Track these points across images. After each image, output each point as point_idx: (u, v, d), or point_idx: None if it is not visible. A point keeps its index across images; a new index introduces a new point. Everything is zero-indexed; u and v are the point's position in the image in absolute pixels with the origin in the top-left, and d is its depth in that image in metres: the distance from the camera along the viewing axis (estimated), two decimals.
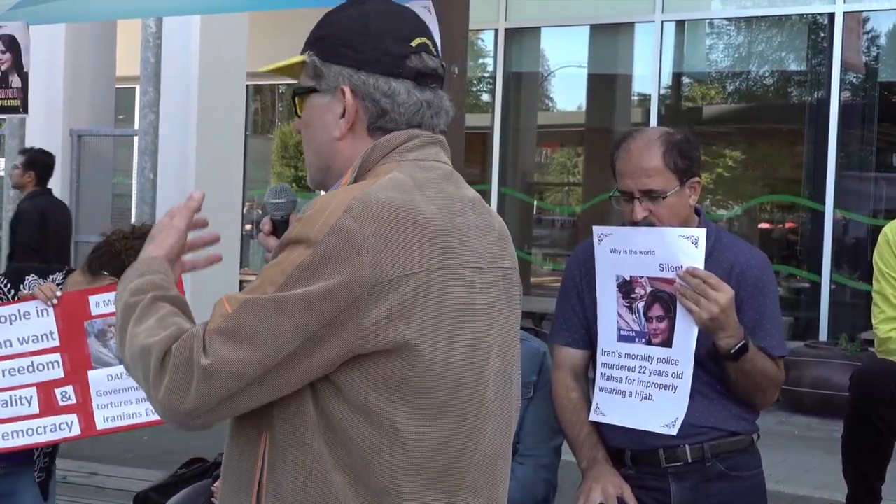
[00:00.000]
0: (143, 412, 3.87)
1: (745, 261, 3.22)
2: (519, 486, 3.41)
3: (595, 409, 3.24)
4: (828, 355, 9.33)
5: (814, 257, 10.86)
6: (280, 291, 1.80)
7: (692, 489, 3.20)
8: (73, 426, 3.91)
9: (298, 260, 1.81)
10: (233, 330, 1.79)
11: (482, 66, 13.17)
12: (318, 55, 1.99)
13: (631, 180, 3.15)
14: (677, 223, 3.15)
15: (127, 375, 3.81)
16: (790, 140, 12.48)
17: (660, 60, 11.70)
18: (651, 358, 3.12)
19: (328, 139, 2.00)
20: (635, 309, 3.15)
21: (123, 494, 4.76)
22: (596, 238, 3.24)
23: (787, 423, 9.00)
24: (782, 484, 6.95)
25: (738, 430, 3.22)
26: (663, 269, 3.08)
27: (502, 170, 12.55)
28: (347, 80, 1.96)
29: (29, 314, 3.90)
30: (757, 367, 3.12)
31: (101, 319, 3.91)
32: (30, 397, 3.89)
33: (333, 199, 1.86)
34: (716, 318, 2.98)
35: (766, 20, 12.02)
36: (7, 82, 4.91)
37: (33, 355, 3.89)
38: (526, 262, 13.21)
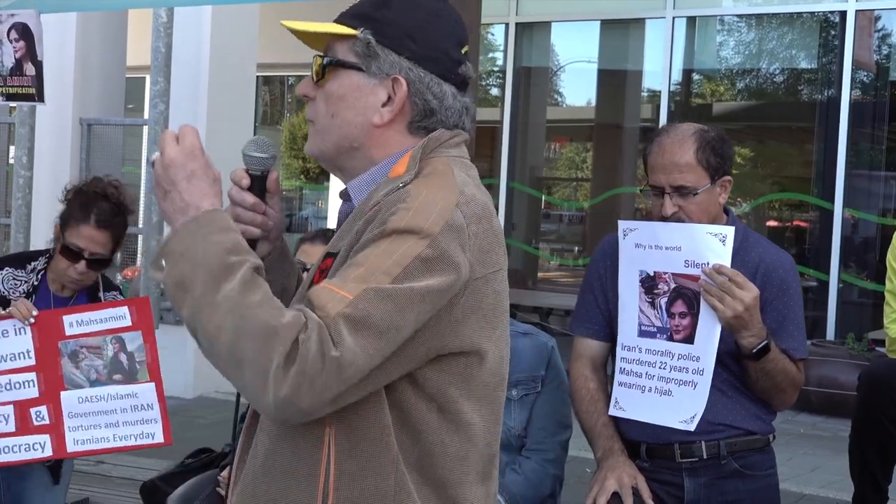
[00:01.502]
0: (111, 437, 3.91)
1: (771, 261, 3.23)
2: (526, 480, 3.42)
3: (614, 404, 3.25)
4: (835, 354, 9.30)
5: (822, 256, 10.84)
6: (399, 283, 1.76)
7: (706, 486, 3.21)
8: (46, 447, 3.91)
9: (415, 251, 1.79)
10: (360, 320, 1.73)
11: (492, 61, 13.16)
12: (374, 36, 1.97)
13: (663, 175, 3.16)
14: (706, 221, 3.16)
15: (97, 398, 3.90)
16: (800, 138, 12.45)
17: (670, 57, 11.67)
18: (672, 354, 3.13)
19: (363, 121, 1.99)
20: (657, 305, 3.16)
21: (130, 483, 4.77)
22: (621, 232, 3.24)
23: (793, 422, 8.98)
24: (788, 482, 6.94)
25: (755, 430, 3.23)
26: (689, 265, 3.08)
27: (511, 164, 12.53)
28: (405, 72, 1.96)
29: (7, 332, 3.89)
30: (778, 367, 3.12)
31: (73, 340, 3.91)
32: (7, 415, 3.89)
33: (438, 190, 1.88)
34: (740, 317, 2.99)
35: (777, 17, 11.99)
36: (21, 70, 4.90)
37: (10, 373, 3.89)
38: (533, 257, 13.20)
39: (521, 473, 3.43)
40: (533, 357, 3.52)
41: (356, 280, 1.76)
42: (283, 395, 1.70)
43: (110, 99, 9.23)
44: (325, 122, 2.01)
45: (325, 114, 2.01)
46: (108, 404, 3.93)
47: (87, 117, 8.49)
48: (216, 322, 1.74)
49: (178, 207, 1.86)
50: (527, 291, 12.00)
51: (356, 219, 1.95)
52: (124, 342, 3.95)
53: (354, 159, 2.02)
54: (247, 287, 1.75)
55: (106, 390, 3.94)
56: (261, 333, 1.70)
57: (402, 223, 1.81)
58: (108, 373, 3.94)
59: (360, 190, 2.02)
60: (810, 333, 10.50)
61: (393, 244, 1.80)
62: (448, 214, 1.84)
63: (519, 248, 12.88)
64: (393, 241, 1.80)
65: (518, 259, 12.84)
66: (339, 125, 2.00)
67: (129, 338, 3.95)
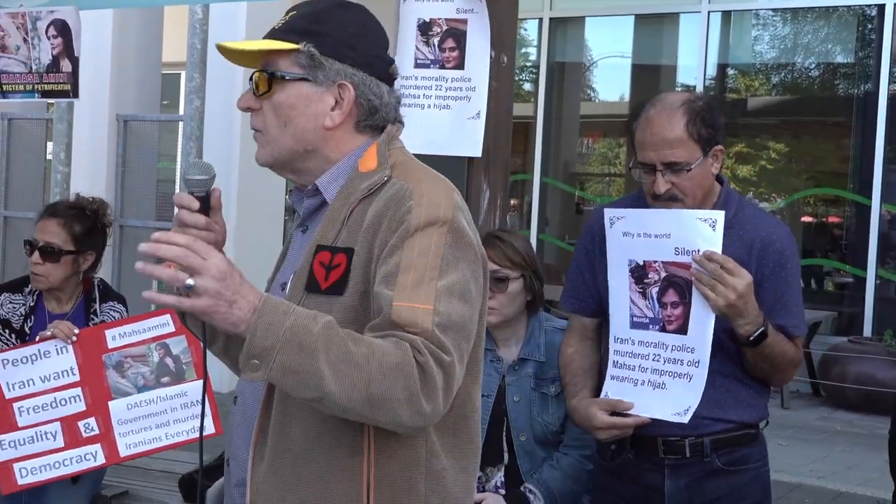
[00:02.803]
0: (163, 436, 4.10)
1: (767, 235, 3.06)
2: (563, 475, 3.41)
3: (605, 397, 3.13)
4: (872, 351, 9.25)
5: (859, 252, 10.75)
6: (446, 275, 1.99)
7: (687, 487, 3.10)
8: (98, 455, 4.08)
9: (443, 240, 2.01)
10: (447, 323, 1.95)
11: (526, 56, 13.14)
12: (317, 48, 2.14)
13: (653, 152, 2.98)
14: (701, 195, 3.02)
15: (146, 402, 4.08)
16: (836, 133, 12.35)
17: (705, 51, 11.61)
18: (666, 346, 3.00)
19: (315, 126, 2.16)
20: (648, 295, 3.03)
21: (168, 476, 4.81)
22: (607, 221, 3.11)
23: (829, 419, 8.93)
24: (824, 480, 6.91)
25: (744, 420, 3.10)
26: (679, 252, 2.95)
27: (545, 159, 12.51)
28: (350, 78, 2.15)
29: (49, 353, 4.08)
30: (776, 350, 2.99)
31: (117, 352, 4.09)
32: (54, 432, 4.06)
33: (433, 181, 2.10)
34: (733, 305, 2.86)
35: (813, 11, 11.90)
36: (58, 67, 4.94)
37: (55, 391, 4.07)
38: (566, 252, 13.16)
39: (558, 469, 3.43)
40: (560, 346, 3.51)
41: (415, 286, 1.95)
42: (429, 412, 1.92)
43: (146, 95, 9.28)
44: (275, 131, 2.16)
45: (275, 124, 2.16)
46: (158, 406, 4.11)
47: (124, 113, 8.53)
48: (341, 388, 1.87)
49: (244, 311, 1.87)
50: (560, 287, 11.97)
51: (338, 212, 2.11)
52: (169, 347, 4.17)
53: (309, 161, 2.19)
54: (346, 344, 1.89)
55: (155, 394, 4.12)
56: (387, 375, 1.87)
57: (421, 219, 2.01)
58: (155, 377, 4.12)
59: (329, 185, 2.18)
60: (847, 330, 10.46)
61: (422, 241, 2.00)
62: (452, 199, 2.08)
63: (552, 244, 12.85)
64: (420, 237, 2.00)
65: (551, 254, 12.82)
66: (291, 132, 2.16)
67: (174, 342, 4.16)
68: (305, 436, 2.05)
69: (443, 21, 4.00)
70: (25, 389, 4.07)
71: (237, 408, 2.23)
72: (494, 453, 3.47)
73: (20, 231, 8.97)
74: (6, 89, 5.06)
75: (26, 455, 4.04)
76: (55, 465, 4.05)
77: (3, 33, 4.97)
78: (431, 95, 4.00)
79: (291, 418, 2.06)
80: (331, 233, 2.10)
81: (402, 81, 4.01)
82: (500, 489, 3.46)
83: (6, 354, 4.11)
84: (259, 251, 6.29)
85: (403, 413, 1.89)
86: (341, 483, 2.03)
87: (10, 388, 4.07)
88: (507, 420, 3.47)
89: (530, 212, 12.69)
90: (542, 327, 3.55)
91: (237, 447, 2.20)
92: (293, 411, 2.05)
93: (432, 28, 4.01)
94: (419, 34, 4.03)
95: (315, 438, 2.04)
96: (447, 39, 3.99)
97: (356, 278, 2.04)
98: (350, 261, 2.05)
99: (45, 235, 4.27)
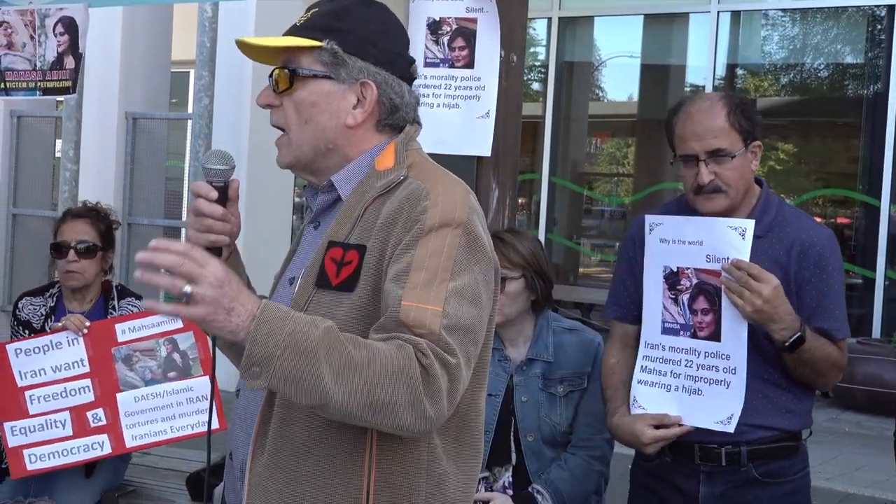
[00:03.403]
0: (169, 429, 4.21)
1: (808, 237, 3.06)
2: (571, 476, 3.41)
3: (633, 402, 3.15)
4: (881, 352, 9.22)
5: (868, 253, 10.74)
6: (458, 277, 1.98)
7: (722, 496, 3.08)
8: (105, 445, 4.20)
9: (456, 242, 2.00)
10: (456, 325, 1.95)
11: (535, 55, 13.14)
12: (339, 45, 2.13)
13: (696, 142, 3.01)
14: (743, 189, 3.04)
15: (153, 396, 4.18)
16: (845, 134, 12.33)
17: (714, 51, 11.61)
18: (698, 352, 3.03)
19: (337, 124, 2.15)
20: (680, 301, 3.06)
21: (176, 475, 4.81)
22: (647, 227, 3.15)
23: (837, 420, 8.92)
24: (832, 481, 6.89)
25: (784, 427, 3.08)
26: (710, 260, 2.99)
27: (553, 159, 12.51)
28: (372, 76, 2.15)
29: (60, 344, 4.22)
30: (817, 355, 2.98)
31: (126, 346, 4.22)
32: (64, 420, 4.19)
33: (449, 183, 2.10)
34: (760, 311, 2.87)
35: (822, 12, 11.89)
36: (62, 64, 4.95)
37: (66, 381, 4.21)
38: (575, 252, 13.18)
39: (566, 470, 3.42)
40: (579, 353, 3.51)
41: (425, 286, 1.95)
42: (433, 415, 1.90)
43: (155, 93, 9.30)
44: (296, 129, 2.16)
45: (296, 120, 2.16)
46: (164, 400, 4.21)
47: (133, 111, 8.56)
48: (343, 393, 1.86)
49: (243, 318, 1.85)
50: (568, 287, 11.98)
51: (352, 209, 2.11)
52: (177, 343, 4.27)
53: (329, 159, 2.18)
54: (346, 349, 1.88)
55: (162, 388, 4.22)
56: (390, 379, 1.86)
57: (436, 220, 2.00)
58: (162, 371, 4.23)
59: (346, 182, 2.16)
60: (855, 331, 10.43)
61: (436, 241, 1.99)
62: (468, 201, 2.08)
63: (560, 244, 12.85)
64: (434, 238, 1.99)
65: (559, 254, 12.82)
66: (313, 129, 2.15)
67: (182, 338, 4.26)
68: (309, 431, 2.04)
69: (452, 20, 3.99)
70: (37, 379, 4.20)
71: (239, 401, 2.23)
72: (502, 453, 3.47)
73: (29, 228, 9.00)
74: (9, 86, 5.08)
75: (36, 442, 4.17)
76: (63, 453, 4.18)
77: (11, 30, 4.98)
78: (441, 94, 4.00)
79: (295, 412, 2.05)
80: (344, 229, 2.09)
81: None
82: (508, 489, 3.45)
83: (20, 344, 4.25)
84: (268, 247, 6.29)
85: (407, 417, 1.88)
86: (341, 482, 2.02)
87: (22, 377, 4.21)
88: (514, 420, 3.46)
89: (538, 211, 12.69)
90: (551, 327, 3.55)
91: (239, 440, 2.20)
92: (297, 406, 2.04)
93: (442, 27, 4.01)
94: (429, 33, 4.03)
95: (318, 434, 2.03)
96: (457, 38, 3.99)
97: (368, 276, 2.03)
98: (362, 258, 2.04)
99: (77, 234, 4.41)
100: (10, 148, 9.00)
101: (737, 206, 3.06)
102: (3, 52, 5.02)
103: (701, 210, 3.07)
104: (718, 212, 3.04)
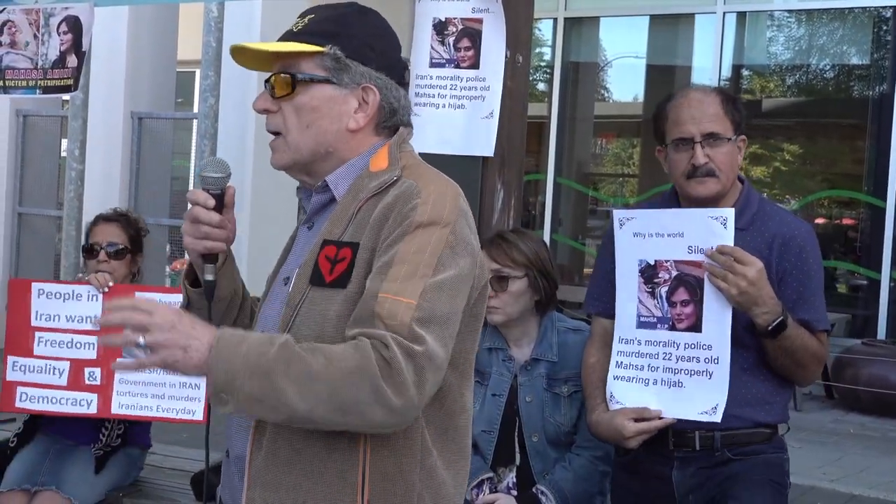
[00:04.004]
0: (155, 407, 4.29)
1: (788, 231, 3.14)
2: (575, 476, 3.41)
3: (610, 398, 3.18)
4: (885, 354, 9.20)
5: (873, 254, 10.71)
6: (439, 273, 2.00)
7: (694, 475, 3.13)
8: (92, 405, 4.30)
9: (442, 240, 2.03)
10: (428, 317, 1.96)
11: (540, 56, 13.12)
12: (342, 51, 2.15)
13: (692, 125, 3.12)
14: (731, 175, 3.14)
15: (149, 370, 4.29)
16: (851, 135, 12.31)
17: (720, 52, 11.58)
18: (677, 344, 3.06)
19: (338, 128, 2.17)
20: (657, 294, 3.10)
21: (180, 474, 4.81)
22: (617, 223, 3.21)
23: (842, 422, 8.90)
24: (837, 483, 6.88)
25: (759, 419, 3.12)
26: (692, 251, 3.03)
27: (558, 159, 12.50)
28: (373, 80, 2.17)
29: (80, 296, 4.34)
30: (797, 343, 3.03)
31: None
32: (62, 369, 4.32)
33: (441, 183, 2.12)
34: (745, 293, 2.92)
35: (828, 13, 11.86)
36: (64, 62, 4.96)
37: (75, 333, 4.32)
38: (580, 253, 13.16)
39: (570, 470, 3.43)
40: (583, 353, 3.51)
41: (405, 279, 1.96)
42: (400, 406, 1.90)
43: (161, 93, 9.31)
44: (297, 133, 2.17)
45: (296, 125, 2.17)
46: (159, 377, 4.29)
47: (138, 111, 8.58)
48: (308, 403, 1.89)
49: (201, 352, 1.92)
50: (573, 287, 11.96)
51: (346, 209, 2.13)
52: None
53: (327, 162, 2.20)
54: (303, 359, 1.90)
55: None
56: (349, 379, 1.88)
57: (424, 217, 2.03)
58: None
59: (339, 182, 2.19)
60: (860, 333, 10.42)
61: (422, 238, 2.01)
62: (458, 202, 2.10)
63: (565, 244, 12.84)
64: (421, 234, 2.02)
65: (564, 255, 12.81)
66: (314, 134, 2.17)
67: None
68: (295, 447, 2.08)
69: (458, 20, 4.00)
70: (50, 323, 4.34)
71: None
72: (506, 454, 3.47)
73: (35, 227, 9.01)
74: (9, 85, 5.10)
75: (31, 382, 4.33)
76: (52, 401, 4.31)
77: (15, 29, 4.99)
78: (446, 95, 4.00)
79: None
80: (338, 229, 2.12)
81: (417, 80, 4.01)
82: (512, 490, 3.45)
83: (44, 285, 4.41)
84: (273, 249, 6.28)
85: (375, 413, 1.90)
86: (337, 474, 2.04)
87: (37, 317, 4.36)
88: (519, 420, 3.47)
89: (543, 212, 12.68)
90: (555, 327, 3.55)
91: (236, 436, 2.21)
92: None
93: (448, 27, 4.01)
94: (434, 33, 4.03)
95: (314, 429, 2.04)
96: (462, 39, 3.99)
97: (360, 271, 2.05)
98: (355, 254, 2.07)
99: (108, 237, 4.53)
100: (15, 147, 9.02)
101: (725, 192, 3.15)
102: (5, 50, 5.04)
103: (693, 194, 3.14)
104: (710, 196, 3.12)
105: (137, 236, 4.63)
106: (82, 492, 4.34)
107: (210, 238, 2.22)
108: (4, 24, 5.03)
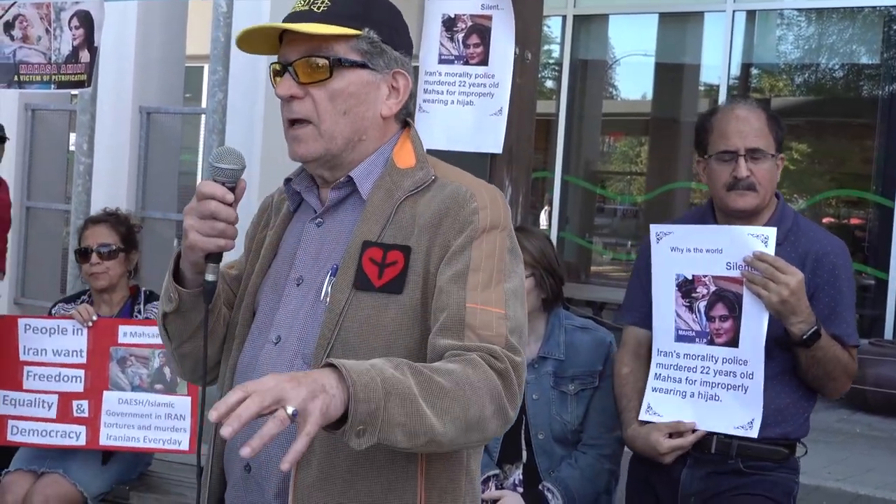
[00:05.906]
0: (142, 438, 4.37)
1: (822, 247, 3.20)
2: (581, 474, 3.41)
3: (647, 409, 3.23)
4: (893, 354, 9.18)
5: (881, 254, 10.69)
6: (510, 278, 2.01)
7: (702, 478, 3.18)
8: (81, 437, 4.38)
9: (505, 244, 2.03)
10: (515, 327, 1.98)
11: (549, 53, 13.11)
12: (377, 34, 2.07)
13: (738, 139, 3.17)
14: (770, 191, 3.19)
15: (136, 402, 4.35)
16: (860, 134, 12.28)
17: (729, 51, 11.56)
18: (715, 358, 3.10)
19: (373, 114, 2.09)
20: (695, 309, 3.14)
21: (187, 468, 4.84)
22: (654, 236, 3.23)
23: (849, 421, 8.88)
24: (843, 482, 6.87)
25: (777, 437, 3.16)
26: (730, 267, 3.07)
27: (566, 157, 12.49)
28: (403, 66, 2.12)
29: (66, 330, 4.42)
30: (829, 355, 3.08)
31: (124, 348, 4.40)
32: (51, 403, 4.40)
33: (490, 187, 2.09)
34: (786, 301, 2.97)
35: (838, 12, 11.83)
36: (77, 58, 4.96)
37: (62, 367, 4.42)
38: (587, 251, 13.15)
39: (576, 468, 3.43)
40: (591, 352, 3.51)
41: (485, 287, 1.95)
42: (512, 416, 1.93)
43: (169, 88, 9.30)
44: (331, 121, 2.05)
45: (331, 112, 2.05)
46: (145, 409, 4.37)
47: (147, 105, 8.56)
48: (445, 426, 1.81)
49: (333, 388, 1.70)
50: (580, 285, 11.96)
51: (380, 208, 2.03)
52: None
53: (356, 151, 2.09)
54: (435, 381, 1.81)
55: (146, 396, 4.39)
56: (477, 396, 1.84)
57: (487, 221, 2.00)
58: (150, 381, 4.40)
59: (364, 178, 2.08)
60: (867, 332, 10.40)
61: (489, 243, 2.00)
62: (506, 204, 2.09)
63: (573, 242, 12.83)
64: (487, 239, 2.00)
65: (571, 252, 12.79)
66: (351, 121, 2.06)
67: None
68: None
69: (467, 17, 3.99)
70: (38, 357, 4.43)
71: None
72: (512, 451, 3.47)
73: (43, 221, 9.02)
74: (23, 80, 5.11)
75: (21, 416, 4.41)
76: (42, 433, 4.39)
77: (27, 23, 4.99)
78: (455, 91, 4.00)
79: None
80: (374, 229, 2.02)
81: (426, 77, 4.01)
82: (518, 487, 3.45)
83: (29, 320, 4.49)
84: None
85: (493, 427, 1.90)
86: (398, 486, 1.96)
87: (25, 352, 4.44)
88: (525, 418, 3.47)
89: (551, 209, 12.67)
90: (562, 326, 3.55)
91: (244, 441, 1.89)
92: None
93: (457, 24, 4.01)
94: (444, 30, 4.03)
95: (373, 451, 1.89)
96: (471, 35, 3.99)
97: (415, 277, 1.98)
98: (408, 259, 1.98)
99: (99, 239, 4.60)
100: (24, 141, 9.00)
101: (763, 208, 3.20)
102: (17, 45, 5.04)
103: (732, 206, 3.19)
104: (748, 209, 3.17)
105: (129, 233, 4.68)
106: (88, 480, 4.40)
107: (225, 236, 2.02)
108: (16, 19, 5.03)
